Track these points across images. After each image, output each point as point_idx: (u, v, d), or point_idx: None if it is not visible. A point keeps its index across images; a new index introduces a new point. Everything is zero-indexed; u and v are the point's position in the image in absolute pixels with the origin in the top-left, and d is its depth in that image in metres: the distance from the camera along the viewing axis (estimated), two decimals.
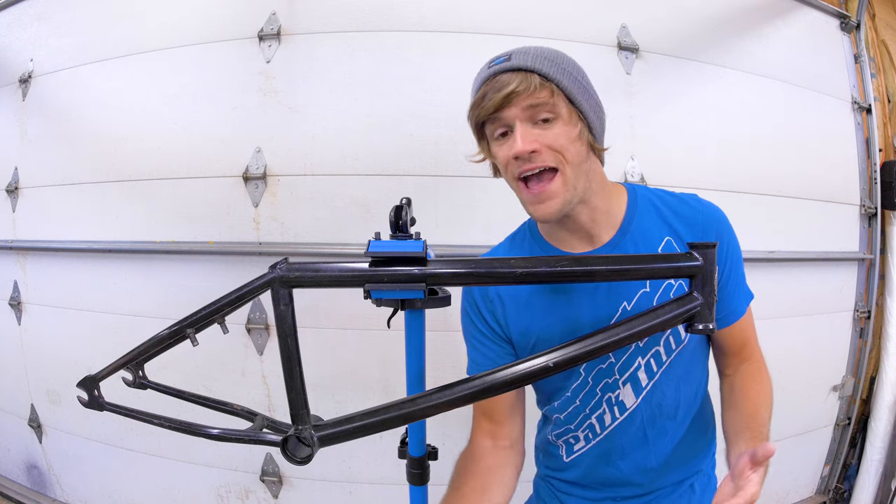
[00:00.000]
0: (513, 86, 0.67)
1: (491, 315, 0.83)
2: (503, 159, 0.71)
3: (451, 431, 1.60)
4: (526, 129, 0.68)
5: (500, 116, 0.69)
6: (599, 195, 0.76)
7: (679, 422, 0.84)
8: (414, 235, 0.68)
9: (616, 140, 1.59)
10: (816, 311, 1.87)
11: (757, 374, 0.82)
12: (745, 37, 1.76)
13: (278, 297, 0.60)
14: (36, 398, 1.93)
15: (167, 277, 1.66)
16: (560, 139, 0.68)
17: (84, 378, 0.73)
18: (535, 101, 0.67)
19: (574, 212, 0.74)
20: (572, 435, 0.86)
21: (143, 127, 1.68)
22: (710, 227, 0.79)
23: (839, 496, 2.03)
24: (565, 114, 0.69)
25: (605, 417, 0.83)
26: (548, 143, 0.68)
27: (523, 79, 0.67)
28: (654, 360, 0.79)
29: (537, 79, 0.67)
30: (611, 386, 0.81)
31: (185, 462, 1.73)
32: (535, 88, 0.67)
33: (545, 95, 0.67)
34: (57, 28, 1.83)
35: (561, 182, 0.69)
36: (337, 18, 1.58)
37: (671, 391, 0.81)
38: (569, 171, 0.70)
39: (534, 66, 0.68)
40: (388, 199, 1.24)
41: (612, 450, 0.84)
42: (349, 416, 0.60)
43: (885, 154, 1.97)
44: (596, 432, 0.84)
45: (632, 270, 0.64)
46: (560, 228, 0.79)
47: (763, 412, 0.76)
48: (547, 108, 0.68)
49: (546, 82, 0.68)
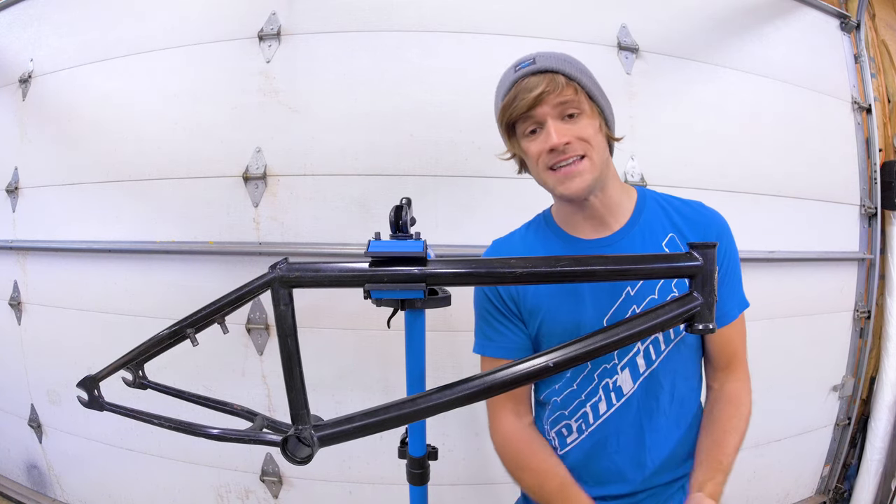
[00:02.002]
0: (542, 86, 0.74)
1: (506, 290, 0.86)
2: (536, 153, 0.78)
3: (451, 431, 1.60)
4: (557, 124, 0.76)
5: (533, 115, 0.76)
6: (614, 185, 0.84)
7: (674, 419, 0.85)
8: (414, 235, 0.68)
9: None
10: (816, 311, 1.87)
11: (735, 398, 0.85)
12: (744, 37, 1.76)
13: (278, 297, 0.60)
14: (36, 398, 1.93)
15: (167, 277, 1.66)
16: (587, 130, 0.77)
17: (84, 378, 0.73)
18: (563, 98, 0.75)
19: (592, 197, 0.81)
20: (565, 424, 0.87)
21: (144, 127, 1.68)
22: (712, 229, 0.84)
23: (839, 496, 2.03)
24: (588, 109, 0.78)
25: (601, 405, 0.84)
26: (577, 136, 0.76)
27: (550, 80, 0.75)
28: (653, 348, 0.82)
29: (562, 79, 0.75)
30: (609, 371, 0.83)
31: (185, 462, 1.73)
32: (562, 87, 0.75)
33: (570, 93, 0.75)
34: (57, 28, 1.83)
35: (589, 164, 0.77)
36: (337, 18, 1.58)
37: (668, 383, 0.83)
38: (595, 156, 0.77)
39: (558, 67, 0.76)
40: (388, 199, 1.23)
41: (608, 440, 0.84)
42: (349, 416, 0.61)
43: (885, 154, 1.97)
44: (589, 422, 0.85)
45: (632, 270, 0.64)
46: (577, 214, 0.85)
47: (730, 440, 0.82)
48: (573, 104, 0.76)
49: (570, 82, 0.76)
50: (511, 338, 0.86)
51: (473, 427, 1.60)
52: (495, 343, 0.87)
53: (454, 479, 1.62)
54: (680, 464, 0.87)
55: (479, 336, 0.90)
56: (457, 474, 1.62)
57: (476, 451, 1.61)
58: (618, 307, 0.81)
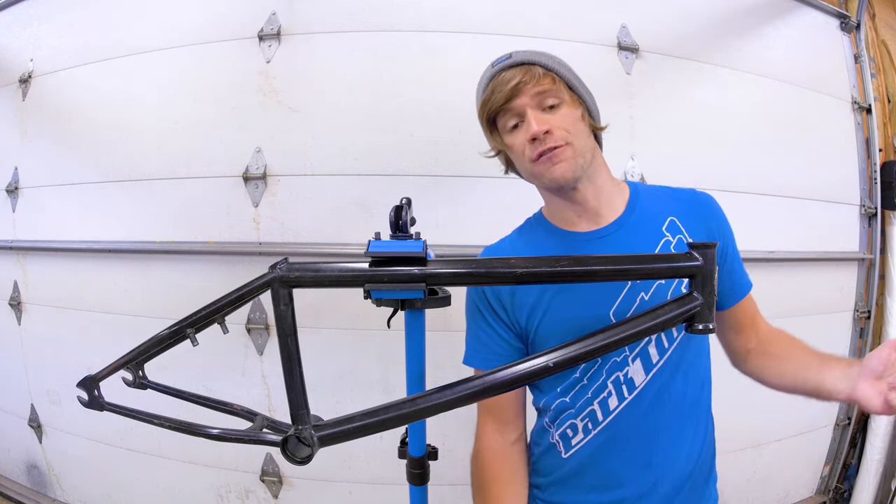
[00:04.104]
0: (519, 77, 0.74)
1: (493, 292, 0.84)
2: (519, 146, 0.77)
3: (451, 431, 1.60)
4: (537, 114, 0.75)
5: (511, 107, 0.76)
6: (603, 175, 0.83)
7: (684, 418, 0.81)
8: (414, 235, 0.68)
9: (616, 140, 1.60)
10: (816, 311, 1.87)
11: (777, 331, 0.88)
12: (745, 37, 1.76)
13: (278, 297, 0.60)
14: (36, 398, 1.93)
15: (167, 277, 1.66)
16: (567, 119, 0.76)
17: (84, 378, 0.73)
18: (541, 88, 0.75)
19: (581, 187, 0.79)
20: (571, 424, 0.83)
21: (143, 127, 1.68)
22: (711, 209, 0.85)
23: (839, 496, 2.03)
24: (568, 98, 0.77)
25: (610, 401, 0.79)
26: (557, 124, 0.75)
27: (527, 70, 0.75)
28: (666, 336, 0.79)
29: (539, 69, 0.75)
30: (619, 364, 0.78)
31: (185, 462, 1.73)
32: (539, 77, 0.74)
33: (548, 82, 0.75)
34: (57, 28, 1.83)
35: (571, 151, 0.76)
36: (337, 18, 1.58)
37: (681, 375, 0.80)
38: (577, 143, 0.76)
39: (534, 59, 0.76)
40: (388, 199, 1.24)
41: (616, 438, 0.80)
42: (349, 416, 0.60)
43: (885, 154, 1.97)
44: (597, 420, 0.80)
45: (632, 270, 0.64)
46: (568, 209, 0.83)
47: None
48: (552, 93, 0.75)
49: (547, 72, 0.76)
50: (495, 349, 0.83)
51: (473, 427, 1.58)
52: (481, 355, 0.85)
53: (454, 479, 1.62)
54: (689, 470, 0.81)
55: (467, 346, 0.88)
56: (457, 474, 1.62)
57: None
58: (625, 296, 0.78)
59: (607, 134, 0.84)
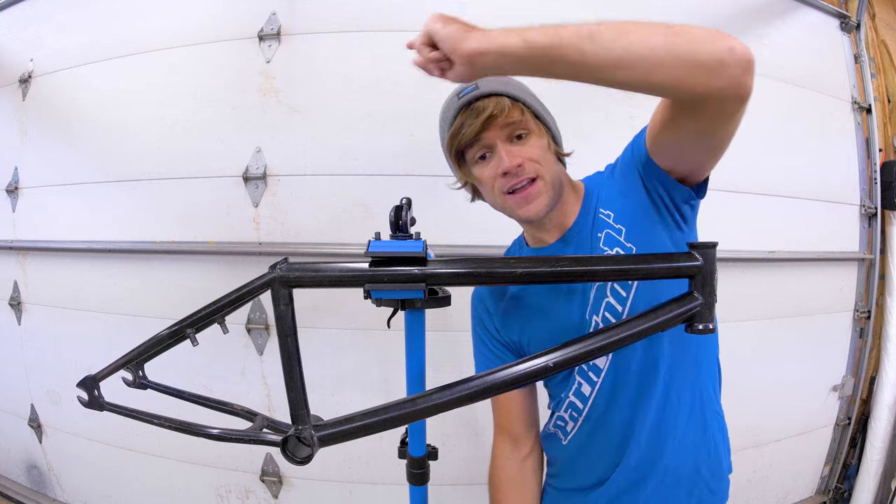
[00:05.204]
0: (489, 110, 0.73)
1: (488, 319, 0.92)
2: (489, 178, 0.77)
3: (451, 431, 1.60)
4: (507, 147, 0.75)
5: (481, 139, 0.76)
6: (568, 194, 0.84)
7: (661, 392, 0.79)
8: (414, 235, 0.68)
9: (616, 140, 1.59)
10: (816, 311, 1.87)
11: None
12: (745, 37, 1.74)
13: (278, 297, 0.60)
14: (36, 398, 1.93)
15: (167, 277, 1.66)
16: (536, 150, 0.76)
17: (84, 378, 0.73)
18: (510, 120, 0.75)
19: (552, 214, 0.81)
20: (559, 415, 0.88)
21: (143, 127, 1.67)
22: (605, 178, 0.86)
23: (839, 496, 2.03)
24: (535, 128, 0.77)
25: (584, 389, 0.83)
26: (528, 156, 0.75)
27: (496, 103, 0.74)
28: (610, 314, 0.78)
29: (507, 101, 0.75)
30: None
31: (185, 462, 1.73)
32: (508, 110, 0.74)
33: (517, 114, 0.75)
34: (57, 28, 1.83)
35: (542, 185, 0.77)
36: (337, 18, 1.58)
37: (639, 353, 0.79)
38: (547, 176, 0.77)
39: (501, 90, 0.75)
40: (388, 199, 1.23)
41: (601, 424, 0.82)
42: (349, 416, 0.60)
43: (885, 154, 1.97)
44: (579, 409, 0.84)
45: (632, 270, 0.64)
46: (540, 230, 0.85)
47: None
48: (520, 125, 0.76)
49: (515, 103, 0.75)
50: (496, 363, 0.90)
51: (473, 427, 1.60)
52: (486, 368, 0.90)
53: (454, 479, 1.62)
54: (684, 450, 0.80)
55: (475, 361, 0.96)
56: (457, 474, 1.62)
57: (476, 450, 1.61)
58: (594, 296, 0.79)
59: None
